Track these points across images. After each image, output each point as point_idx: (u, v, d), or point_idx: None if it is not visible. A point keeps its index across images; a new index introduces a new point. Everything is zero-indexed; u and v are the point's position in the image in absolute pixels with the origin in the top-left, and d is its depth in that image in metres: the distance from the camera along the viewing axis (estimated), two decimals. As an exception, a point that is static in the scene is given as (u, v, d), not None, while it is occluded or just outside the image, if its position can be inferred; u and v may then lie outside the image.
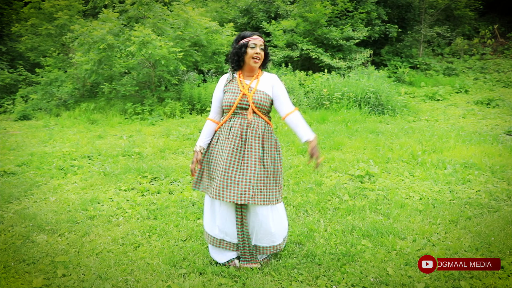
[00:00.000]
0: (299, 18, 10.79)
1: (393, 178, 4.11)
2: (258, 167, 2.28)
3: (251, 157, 2.28)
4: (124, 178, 4.43)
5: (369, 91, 8.42)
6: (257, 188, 2.27)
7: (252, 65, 2.29)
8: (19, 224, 3.14)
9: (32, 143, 6.77)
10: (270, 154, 2.34)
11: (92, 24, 8.83)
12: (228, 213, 2.35)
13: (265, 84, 2.35)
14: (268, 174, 2.32)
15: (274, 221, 2.37)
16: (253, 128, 2.29)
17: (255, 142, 2.29)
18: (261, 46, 2.30)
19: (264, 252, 2.40)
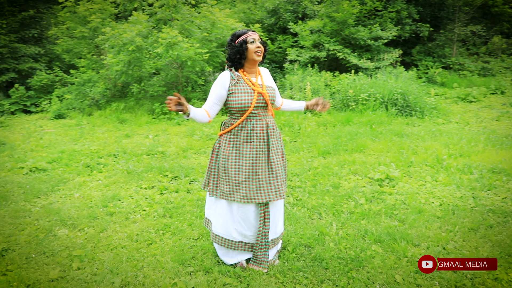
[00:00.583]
0: (326, 18, 10.67)
1: (414, 182, 4.00)
2: (282, 162, 2.40)
3: (276, 156, 2.37)
4: (145, 177, 4.56)
5: (396, 92, 8.21)
6: (284, 182, 2.40)
7: (255, 58, 2.29)
8: (44, 218, 3.31)
9: (64, 141, 7.10)
10: (281, 148, 2.45)
11: (122, 26, 9.13)
12: (248, 215, 2.37)
13: (267, 79, 2.44)
14: (285, 168, 2.46)
15: (282, 210, 2.56)
16: (271, 128, 2.36)
17: (275, 140, 2.38)
18: (259, 40, 2.33)
19: (277, 242, 2.51)
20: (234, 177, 2.31)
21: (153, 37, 8.99)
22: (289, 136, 6.47)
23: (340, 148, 5.58)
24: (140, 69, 10.11)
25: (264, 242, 2.38)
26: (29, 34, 12.74)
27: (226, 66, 2.42)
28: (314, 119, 7.76)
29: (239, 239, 2.40)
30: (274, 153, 2.35)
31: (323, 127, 7.19)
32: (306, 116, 8.00)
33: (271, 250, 2.47)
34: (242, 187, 2.30)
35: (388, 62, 10.29)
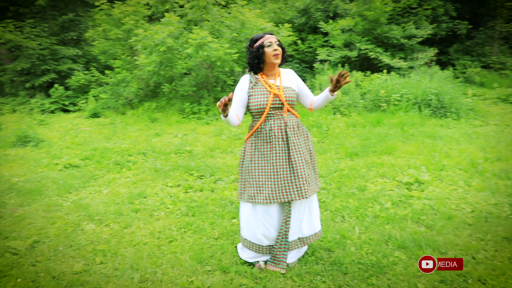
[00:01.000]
0: (358, 17, 10.45)
1: (445, 187, 3.82)
2: (304, 161, 2.36)
3: (297, 154, 2.33)
4: (172, 175, 4.64)
5: (430, 93, 7.91)
6: (307, 180, 2.36)
7: (274, 62, 2.32)
8: (74, 213, 3.44)
9: (97, 139, 7.36)
10: (305, 146, 2.42)
11: (154, 28, 9.36)
12: (272, 217, 2.37)
13: (288, 80, 2.42)
14: (308, 165, 2.41)
15: (315, 207, 2.52)
16: (291, 127, 2.35)
17: (296, 139, 2.35)
18: (277, 43, 2.34)
19: (308, 242, 2.47)
20: (257, 179, 2.35)
21: (183, 38, 9.15)
22: (317, 136, 6.38)
23: (369, 149, 5.44)
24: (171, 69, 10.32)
25: (283, 242, 2.36)
26: (68, 37, 13.32)
27: (247, 70, 2.49)
28: (343, 119, 7.62)
29: (267, 243, 2.41)
30: (295, 152, 2.33)
31: (352, 128, 7.04)
32: (335, 117, 7.88)
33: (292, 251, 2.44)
34: (265, 188, 2.32)
35: (423, 61, 9.93)
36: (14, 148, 6.58)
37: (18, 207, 3.69)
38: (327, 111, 8.30)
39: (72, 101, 12.44)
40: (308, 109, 2.51)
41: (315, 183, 2.47)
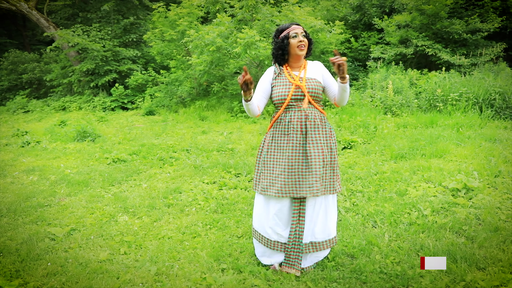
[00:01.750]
0: (415, 11, 9.85)
1: (498, 195, 3.45)
2: (322, 158, 2.27)
3: (315, 149, 2.26)
4: (210, 172, 4.71)
5: (494, 92, 7.22)
6: (324, 179, 2.28)
7: (298, 53, 2.27)
8: (112, 204, 3.62)
9: (148, 135, 7.72)
10: (327, 144, 2.32)
11: (206, 28, 9.60)
12: (283, 212, 2.32)
13: (314, 72, 2.33)
14: (325, 164, 2.30)
15: (331, 212, 2.39)
16: (311, 120, 2.27)
17: (315, 133, 2.27)
18: (303, 34, 2.28)
19: (320, 248, 2.35)
20: (272, 170, 2.32)
21: (233, 37, 9.27)
22: (362, 137, 6.12)
23: (417, 152, 5.09)
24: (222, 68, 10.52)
25: (297, 242, 2.29)
26: (129, 39, 14.14)
27: (272, 61, 2.45)
28: (394, 120, 7.23)
29: (275, 238, 2.34)
30: (313, 146, 2.25)
31: (403, 129, 6.65)
32: (385, 117, 7.51)
33: (307, 255, 2.34)
34: (278, 181, 2.27)
35: (488, 57, 9.11)
36: (74, 143, 7.12)
37: (66, 196, 3.97)
38: (376, 111, 7.94)
39: (131, 100, 13.20)
40: (334, 104, 2.37)
41: (332, 185, 2.34)
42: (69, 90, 14.75)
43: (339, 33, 10.34)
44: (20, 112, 13.90)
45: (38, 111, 13.45)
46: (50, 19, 14.58)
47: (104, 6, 13.45)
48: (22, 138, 7.71)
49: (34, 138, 7.43)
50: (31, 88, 15.80)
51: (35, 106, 14.08)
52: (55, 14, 15.67)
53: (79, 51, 13.46)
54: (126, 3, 14.57)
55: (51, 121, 10.93)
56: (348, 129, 6.75)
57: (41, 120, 11.94)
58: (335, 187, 2.35)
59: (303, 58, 2.36)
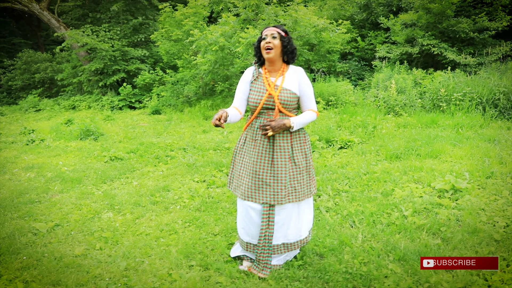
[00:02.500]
0: (422, 10, 9.71)
1: (485, 196, 3.39)
2: (289, 166, 2.25)
3: (281, 157, 2.24)
4: (202, 171, 4.75)
5: (498, 92, 7.08)
6: (291, 186, 2.26)
7: (264, 56, 2.20)
8: (100, 201, 3.69)
9: (149, 134, 7.81)
10: (301, 150, 2.29)
11: (210, 28, 9.66)
12: (252, 214, 2.32)
13: (291, 81, 2.24)
14: (301, 170, 2.28)
15: (303, 215, 2.37)
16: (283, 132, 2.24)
17: (283, 141, 2.24)
18: (273, 35, 2.19)
19: (293, 248, 2.36)
20: (239, 172, 2.35)
21: (236, 37, 9.30)
22: (359, 137, 6.07)
23: (412, 152, 5.03)
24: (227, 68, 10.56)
25: (266, 245, 2.28)
26: (138, 39, 14.32)
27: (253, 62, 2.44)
28: (394, 120, 7.16)
29: (247, 239, 2.35)
30: (280, 155, 2.23)
31: (403, 129, 6.57)
32: (386, 117, 7.43)
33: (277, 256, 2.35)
34: (243, 184, 2.29)
35: (495, 57, 8.91)
36: (76, 141, 7.26)
37: (58, 193, 4.06)
38: (378, 111, 7.86)
39: (138, 99, 13.37)
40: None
41: (308, 189, 2.33)
42: (79, 90, 15.03)
43: (344, 32, 10.26)
44: (31, 111, 14.23)
45: (48, 110, 13.74)
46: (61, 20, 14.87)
47: (113, 7, 13.65)
48: (28, 136, 7.90)
49: (39, 136, 7.61)
50: (43, 88, 16.16)
51: (46, 105, 14.39)
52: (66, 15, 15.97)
53: (88, 51, 13.70)
54: (136, 3, 14.76)
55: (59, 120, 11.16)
56: (348, 129, 6.71)
57: (50, 119, 12.19)
58: (311, 190, 2.35)
59: (283, 63, 2.27)
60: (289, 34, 2.24)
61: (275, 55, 2.20)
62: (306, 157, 2.31)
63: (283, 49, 2.22)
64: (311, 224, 2.44)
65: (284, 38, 2.22)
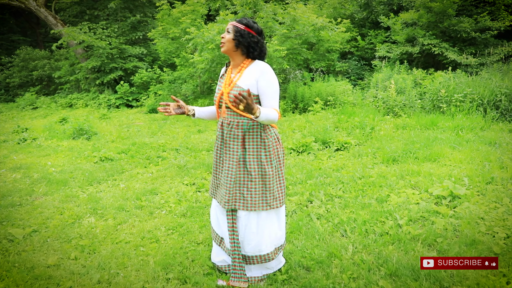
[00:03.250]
0: (422, 9, 9.54)
1: (485, 204, 3.23)
2: (236, 169, 2.12)
3: (229, 159, 2.14)
4: (192, 173, 4.60)
5: (500, 93, 6.91)
6: (239, 192, 2.12)
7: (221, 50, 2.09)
8: (83, 205, 3.55)
9: (143, 134, 7.67)
10: (255, 155, 2.10)
11: (207, 26, 9.51)
12: (222, 215, 2.27)
13: (247, 78, 2.04)
14: (253, 178, 2.11)
15: (262, 228, 2.16)
16: (231, 127, 2.11)
17: (233, 142, 2.12)
18: (228, 29, 2.06)
19: (252, 262, 2.20)
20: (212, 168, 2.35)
21: (233, 35, 9.14)
22: (357, 139, 5.92)
23: (410, 155, 4.88)
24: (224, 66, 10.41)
25: (236, 252, 2.18)
26: (136, 36, 14.17)
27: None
28: (393, 121, 7.00)
29: (218, 231, 2.32)
30: (228, 156, 2.14)
31: (401, 130, 6.41)
32: (385, 118, 7.27)
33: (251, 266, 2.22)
34: (211, 180, 2.32)
35: (497, 57, 8.74)
36: (69, 140, 7.12)
37: (42, 195, 3.92)
38: (377, 112, 7.70)
39: (136, 97, 13.22)
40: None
41: (263, 200, 2.12)
42: (76, 87, 14.89)
43: (343, 31, 10.10)
44: (28, 108, 14.09)
45: (45, 108, 13.61)
46: (58, 17, 14.72)
47: (111, 4, 13.50)
48: (20, 135, 7.76)
49: (32, 135, 7.47)
50: (41, 85, 16.02)
51: (43, 102, 14.26)
52: (63, 12, 15.83)
53: (85, 48, 13.56)
54: (134, 1, 14.60)
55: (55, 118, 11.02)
56: (345, 130, 6.55)
57: (47, 117, 12.06)
58: (268, 203, 2.13)
59: (246, 58, 2.08)
60: (253, 28, 2.06)
61: (227, 50, 2.07)
62: (261, 164, 2.10)
63: (236, 44, 2.05)
64: (280, 241, 2.24)
65: (238, 31, 2.05)
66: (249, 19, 2.11)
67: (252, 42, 2.05)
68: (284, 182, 2.21)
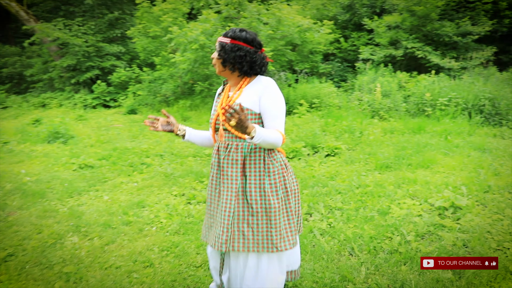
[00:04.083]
0: (406, 12, 9.58)
1: (488, 215, 3.17)
2: (235, 201, 1.78)
3: (227, 190, 1.80)
4: (180, 182, 4.36)
5: (484, 97, 6.99)
6: (238, 230, 1.79)
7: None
8: (64, 222, 3.26)
9: (123, 137, 7.32)
10: (257, 183, 1.78)
11: (190, 25, 9.22)
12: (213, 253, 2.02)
13: (248, 95, 1.77)
14: (255, 212, 1.78)
15: (262, 271, 1.83)
16: (229, 151, 1.79)
17: (231, 169, 1.78)
18: (216, 47, 1.79)
19: None
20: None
21: (217, 35, 8.91)
22: (347, 143, 5.82)
23: (403, 162, 4.81)
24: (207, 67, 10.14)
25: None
26: (114, 34, 13.66)
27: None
28: (381, 125, 6.96)
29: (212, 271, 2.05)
30: (226, 187, 1.80)
31: (389, 134, 6.37)
32: (372, 121, 7.23)
33: None
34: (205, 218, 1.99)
35: (478, 61, 8.89)
36: (43, 144, 6.69)
37: (17, 210, 3.59)
38: (363, 115, 7.66)
39: (113, 97, 12.75)
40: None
41: (267, 240, 1.79)
42: (50, 86, 14.21)
43: (328, 33, 10.03)
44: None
45: (15, 108, 12.91)
46: (31, 12, 14.00)
47: (87, 0, 12.95)
48: (-11, 138, 7.26)
49: (3, 139, 7.00)
50: (11, 83, 15.20)
51: (13, 102, 13.52)
52: (36, 7, 15.07)
53: (60, 46, 12.95)
54: (111, -3, 14.09)
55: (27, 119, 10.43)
56: (333, 134, 6.44)
57: (18, 118, 11.42)
58: (274, 243, 1.78)
59: (245, 77, 1.81)
60: (240, 38, 1.75)
61: (219, 71, 1.83)
62: (266, 196, 1.77)
63: (222, 62, 1.78)
64: (280, 285, 1.90)
65: (222, 47, 1.77)
66: (236, 29, 1.79)
67: (237, 57, 1.74)
68: (296, 219, 1.88)
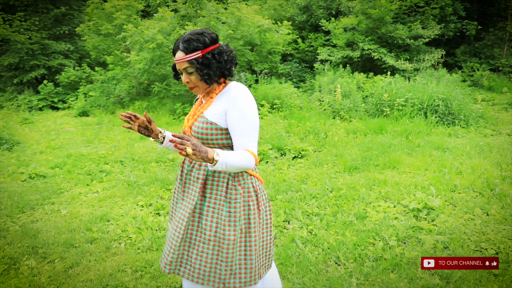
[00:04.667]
0: (362, 15, 9.85)
1: (460, 215, 3.26)
2: (187, 222, 1.59)
3: (184, 207, 1.62)
4: (146, 191, 4.09)
5: (437, 98, 7.33)
6: (182, 254, 1.61)
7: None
8: (17, 242, 2.89)
9: (77, 142, 6.81)
10: (215, 209, 1.57)
11: (145, 23, 8.81)
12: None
13: (216, 106, 1.56)
14: (206, 240, 1.56)
15: None
16: (193, 168, 1.61)
17: (192, 187, 1.61)
18: (187, 70, 1.52)
19: None
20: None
21: (175, 34, 8.58)
22: (313, 145, 5.81)
23: (370, 163, 4.87)
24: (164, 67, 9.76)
25: None
26: (61, 31, 12.77)
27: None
28: (343, 125, 7.05)
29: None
30: (183, 203, 1.64)
31: (353, 135, 6.47)
32: (334, 122, 7.31)
33: None
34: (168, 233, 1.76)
35: (429, 63, 9.35)
36: (-16, 152, 6.03)
37: (-42, 231, 3.14)
38: (326, 115, 7.74)
39: (62, 98, 11.92)
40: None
41: (214, 275, 1.56)
42: (-12, 87, 12.99)
43: (286, 34, 10.06)
44: None
45: None
46: (-37, 5, 12.70)
47: (29, -7, 12.00)
48: None
49: None
50: None
51: None
52: (-31, 0, 13.70)
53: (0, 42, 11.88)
54: (57, -9, 13.16)
55: (-39, 123, 9.42)
56: (297, 135, 6.43)
57: (-50, 122, 10.29)
58: (222, 279, 1.56)
59: (217, 85, 1.59)
60: (206, 42, 1.51)
61: (203, 91, 1.59)
62: (220, 226, 1.55)
63: (207, 79, 1.52)
64: None
65: (199, 64, 1.50)
66: (191, 37, 1.51)
67: (223, 62, 1.54)
68: (263, 255, 1.65)
